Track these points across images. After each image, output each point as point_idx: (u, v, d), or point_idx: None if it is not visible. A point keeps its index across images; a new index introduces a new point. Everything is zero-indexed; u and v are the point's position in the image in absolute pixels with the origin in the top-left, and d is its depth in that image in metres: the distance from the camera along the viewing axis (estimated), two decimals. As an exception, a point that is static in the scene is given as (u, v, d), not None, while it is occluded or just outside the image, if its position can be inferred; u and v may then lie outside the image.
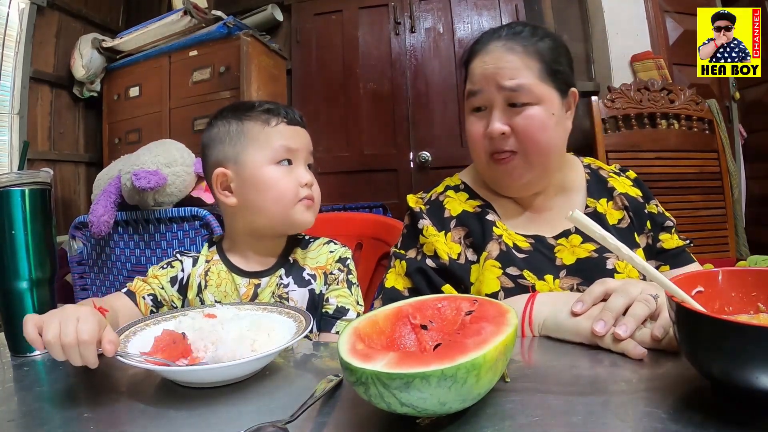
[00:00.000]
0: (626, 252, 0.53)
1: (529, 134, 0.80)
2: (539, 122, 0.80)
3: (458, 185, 0.93)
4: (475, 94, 0.84)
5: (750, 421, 0.40)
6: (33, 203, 0.72)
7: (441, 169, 2.59)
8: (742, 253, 2.22)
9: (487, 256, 0.82)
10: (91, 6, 2.78)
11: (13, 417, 0.50)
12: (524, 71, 0.80)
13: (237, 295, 0.89)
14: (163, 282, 0.90)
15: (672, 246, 0.89)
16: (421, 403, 0.40)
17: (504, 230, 0.85)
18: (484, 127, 0.83)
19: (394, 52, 2.75)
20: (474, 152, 0.87)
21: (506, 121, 0.81)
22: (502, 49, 0.82)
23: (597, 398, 0.46)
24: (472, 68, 0.85)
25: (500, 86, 0.80)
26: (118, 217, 1.82)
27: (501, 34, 0.84)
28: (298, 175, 0.88)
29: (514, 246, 0.84)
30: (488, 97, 0.82)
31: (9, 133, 2.34)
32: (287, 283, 0.90)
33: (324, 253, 0.95)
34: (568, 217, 0.54)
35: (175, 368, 0.55)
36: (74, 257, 1.90)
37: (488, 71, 0.82)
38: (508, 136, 0.81)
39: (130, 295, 0.86)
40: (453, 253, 0.84)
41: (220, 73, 2.37)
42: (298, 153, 0.89)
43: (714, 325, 0.41)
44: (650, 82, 2.25)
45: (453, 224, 0.87)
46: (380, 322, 0.52)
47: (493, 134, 0.81)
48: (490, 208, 0.88)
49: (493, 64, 0.81)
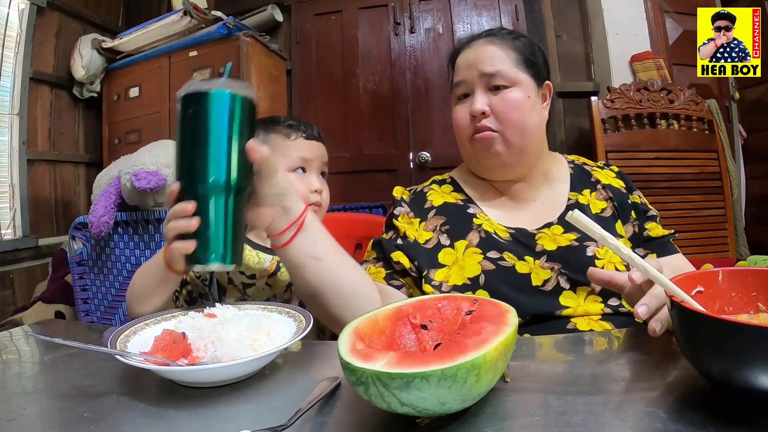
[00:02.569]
0: (626, 252, 0.53)
1: (506, 113, 0.88)
2: (516, 102, 0.89)
3: (444, 179, 1.01)
4: (460, 84, 0.93)
5: (750, 421, 0.40)
6: (247, 110, 0.67)
7: (440, 169, 2.56)
8: (742, 254, 2.22)
9: (467, 244, 0.87)
10: (90, 6, 2.78)
11: (13, 417, 0.50)
12: (503, 58, 0.90)
13: (260, 267, 0.96)
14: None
15: (658, 235, 0.92)
16: (421, 402, 0.40)
17: (486, 220, 0.90)
18: (468, 110, 0.91)
19: (393, 52, 2.75)
20: (458, 137, 0.95)
21: (486, 102, 0.89)
22: (482, 43, 0.93)
23: (597, 398, 0.46)
24: (458, 63, 0.96)
25: (481, 72, 0.90)
26: (117, 217, 1.82)
27: (482, 35, 0.96)
28: (309, 181, 0.97)
29: (495, 233, 0.88)
30: (471, 84, 0.91)
31: (9, 134, 2.34)
32: None
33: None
34: (568, 217, 0.55)
35: (175, 368, 0.55)
36: (74, 258, 1.90)
37: (470, 61, 0.92)
38: (488, 115, 0.89)
39: None
40: (421, 238, 0.90)
41: (220, 74, 2.36)
42: (312, 163, 0.99)
43: (714, 324, 0.41)
44: (650, 82, 2.25)
45: (432, 214, 0.93)
46: (380, 321, 0.52)
47: (475, 112, 0.89)
48: (472, 203, 0.94)
49: (475, 55, 0.92)
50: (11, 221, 2.32)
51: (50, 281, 2.16)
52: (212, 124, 0.64)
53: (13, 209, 2.33)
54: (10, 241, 2.28)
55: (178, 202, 0.65)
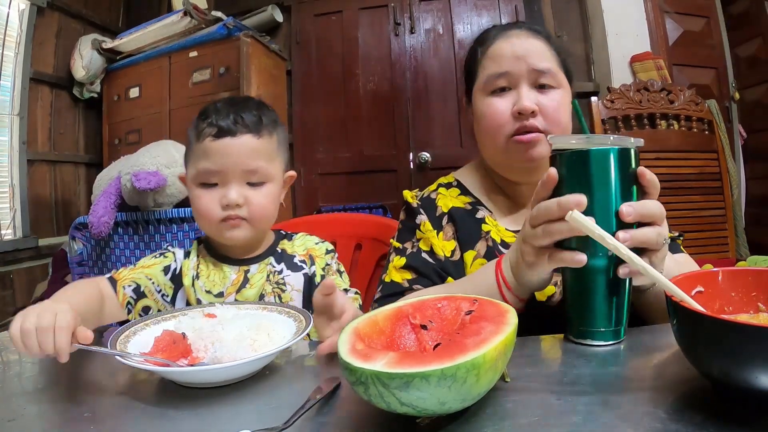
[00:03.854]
0: (625, 252, 0.53)
1: (556, 114, 0.82)
2: (562, 105, 0.83)
3: (451, 182, 0.95)
4: (501, 75, 0.84)
5: (750, 421, 0.40)
6: (624, 165, 0.59)
7: (440, 169, 2.59)
8: (742, 254, 2.22)
9: (475, 255, 0.84)
10: (91, 7, 2.78)
11: (13, 417, 0.50)
12: (549, 57, 0.84)
13: (227, 281, 0.88)
14: (156, 271, 0.89)
15: None
16: (421, 402, 0.40)
17: (494, 225, 0.87)
18: (509, 106, 0.83)
19: (393, 52, 2.75)
20: (491, 134, 0.85)
21: (534, 100, 0.82)
22: (527, 34, 0.85)
23: (597, 398, 0.46)
24: (497, 50, 0.85)
25: (532, 67, 0.82)
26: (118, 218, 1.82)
27: (520, 25, 0.88)
28: (222, 195, 0.83)
29: (501, 242, 0.85)
30: (516, 77, 0.83)
31: (9, 134, 2.34)
32: (281, 269, 0.91)
33: (308, 242, 0.98)
34: (567, 217, 0.54)
35: (175, 369, 0.55)
36: (74, 258, 1.89)
37: (518, 52, 0.83)
38: (536, 114, 0.81)
39: (112, 282, 0.85)
40: (447, 250, 0.86)
41: (220, 74, 2.37)
42: (224, 174, 0.83)
43: (714, 324, 0.41)
44: (650, 82, 2.25)
45: (445, 221, 0.88)
46: (380, 322, 0.52)
47: (525, 110, 0.80)
48: (480, 205, 0.90)
49: (523, 47, 0.83)
50: (11, 221, 2.32)
51: (50, 282, 2.16)
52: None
53: (13, 209, 2.33)
54: (10, 242, 2.28)
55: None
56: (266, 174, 0.86)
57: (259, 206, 0.85)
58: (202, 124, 0.84)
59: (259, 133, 0.85)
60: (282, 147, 0.92)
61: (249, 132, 0.84)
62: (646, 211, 0.58)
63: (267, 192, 0.87)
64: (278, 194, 0.91)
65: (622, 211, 0.57)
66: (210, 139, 0.83)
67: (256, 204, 0.85)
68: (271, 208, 0.89)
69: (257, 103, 0.91)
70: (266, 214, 0.88)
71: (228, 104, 0.87)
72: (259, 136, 0.85)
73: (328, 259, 0.95)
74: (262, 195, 0.86)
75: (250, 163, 0.84)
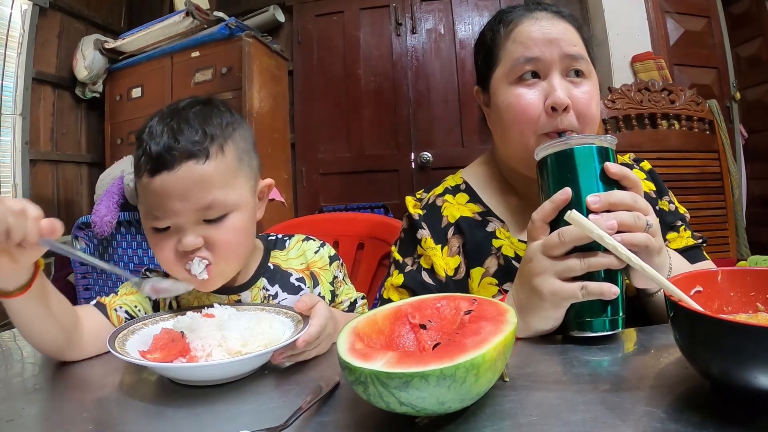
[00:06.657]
0: (624, 252, 0.53)
1: (588, 109, 0.73)
2: (593, 98, 0.74)
3: (459, 185, 0.87)
4: (530, 60, 0.73)
5: (749, 421, 0.40)
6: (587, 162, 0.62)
7: (442, 169, 2.59)
8: (743, 254, 2.22)
9: (484, 273, 0.78)
10: (93, 7, 2.79)
11: (13, 417, 0.50)
12: (580, 43, 0.75)
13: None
14: (141, 298, 0.77)
15: (680, 246, 0.82)
16: (420, 402, 0.40)
17: (506, 238, 0.80)
18: (540, 98, 0.73)
19: (395, 52, 2.75)
20: (517, 128, 0.74)
21: (566, 92, 0.72)
22: (556, 18, 0.75)
23: (596, 398, 0.46)
24: (525, 31, 0.75)
25: (565, 53, 0.72)
26: (120, 217, 1.82)
27: (544, 7, 0.78)
28: (178, 241, 0.67)
29: (515, 256, 0.78)
30: (547, 64, 0.73)
31: (11, 134, 2.35)
32: (275, 293, 0.80)
33: (307, 251, 0.86)
34: (567, 216, 0.55)
35: (173, 365, 0.55)
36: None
37: (551, 35, 0.73)
38: (569, 110, 0.72)
39: (100, 307, 0.74)
40: (450, 269, 0.79)
41: (222, 74, 2.37)
42: (172, 219, 0.66)
43: (712, 324, 0.41)
44: (651, 82, 2.25)
45: (451, 233, 0.81)
46: (379, 321, 0.52)
47: (559, 104, 0.71)
48: (491, 215, 0.82)
49: (555, 29, 0.74)
50: (13, 221, 2.32)
51: (53, 281, 2.15)
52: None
53: (15, 209, 2.33)
54: (13, 241, 2.28)
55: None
56: (225, 204, 0.67)
57: (224, 245, 0.68)
58: (138, 153, 0.67)
59: (205, 155, 0.66)
60: (244, 157, 0.72)
61: (191, 158, 0.65)
62: (614, 199, 0.59)
63: (231, 225, 0.68)
64: (249, 219, 0.73)
65: (588, 201, 0.59)
66: (146, 176, 0.66)
67: (220, 243, 0.67)
68: (242, 241, 0.72)
69: (201, 110, 0.70)
70: (236, 251, 0.71)
71: (165, 119, 0.68)
72: (206, 159, 0.66)
73: (335, 270, 0.86)
74: (225, 230, 0.68)
75: (201, 198, 0.65)
